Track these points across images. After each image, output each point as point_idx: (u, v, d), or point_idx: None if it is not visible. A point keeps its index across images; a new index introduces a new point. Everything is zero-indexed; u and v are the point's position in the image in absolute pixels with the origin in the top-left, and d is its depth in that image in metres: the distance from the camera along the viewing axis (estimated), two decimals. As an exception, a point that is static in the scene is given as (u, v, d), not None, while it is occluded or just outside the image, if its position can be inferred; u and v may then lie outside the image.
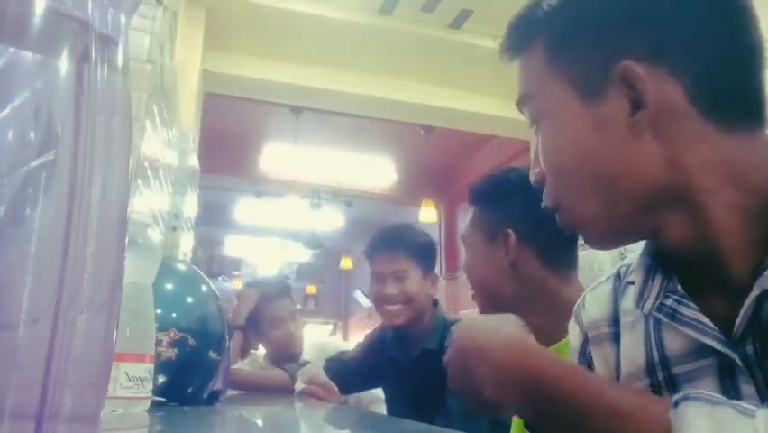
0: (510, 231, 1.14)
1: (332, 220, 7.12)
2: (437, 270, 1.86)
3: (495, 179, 1.25)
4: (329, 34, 3.38)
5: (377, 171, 5.84)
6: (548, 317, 1.05)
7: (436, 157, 5.77)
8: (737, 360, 0.51)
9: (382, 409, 1.96)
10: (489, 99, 3.90)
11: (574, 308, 0.74)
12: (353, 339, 8.15)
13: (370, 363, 1.83)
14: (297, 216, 6.41)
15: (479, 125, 4.24)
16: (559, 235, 1.17)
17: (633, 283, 0.62)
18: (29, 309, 0.22)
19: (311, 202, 6.53)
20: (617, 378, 0.63)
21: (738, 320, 0.51)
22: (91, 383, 0.25)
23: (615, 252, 3.23)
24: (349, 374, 1.82)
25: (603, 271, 0.73)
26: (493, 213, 1.19)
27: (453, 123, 4.24)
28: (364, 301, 8.19)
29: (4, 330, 0.22)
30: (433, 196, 5.89)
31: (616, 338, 0.64)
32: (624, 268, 0.69)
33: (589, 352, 0.68)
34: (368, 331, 2.05)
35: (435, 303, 1.77)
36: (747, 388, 0.50)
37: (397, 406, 1.81)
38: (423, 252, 1.75)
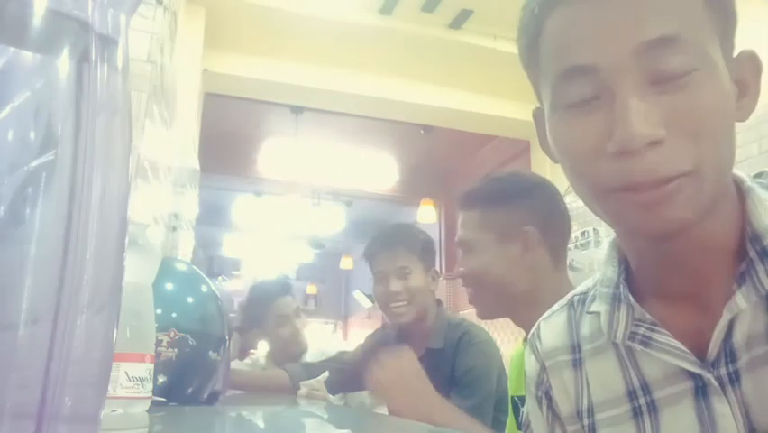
0: (530, 229, 1.17)
1: (332, 220, 7.12)
2: (438, 269, 1.87)
3: (509, 180, 1.28)
4: (329, 34, 3.38)
5: (377, 171, 5.84)
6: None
7: (436, 157, 5.77)
8: (712, 380, 0.53)
9: (384, 411, 1.96)
10: (489, 99, 3.90)
11: (529, 337, 0.75)
12: (353, 339, 8.13)
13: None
14: (297, 216, 6.41)
15: (479, 125, 4.24)
16: (563, 234, 1.23)
17: (593, 313, 0.63)
18: (29, 309, 0.22)
19: (311, 202, 6.53)
20: (578, 403, 0.65)
21: (711, 344, 0.53)
22: (91, 383, 0.25)
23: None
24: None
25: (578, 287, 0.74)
26: (509, 212, 1.21)
27: (453, 123, 4.24)
28: (364, 301, 8.18)
29: (4, 330, 0.22)
30: (433, 196, 5.88)
31: (575, 365, 0.66)
32: (576, 297, 0.70)
33: (547, 380, 0.69)
34: (368, 331, 2.05)
35: (439, 303, 1.77)
36: (722, 408, 0.52)
37: (399, 406, 1.81)
38: (422, 248, 1.76)
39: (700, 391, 0.54)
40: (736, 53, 0.55)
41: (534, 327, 0.74)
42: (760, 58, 0.56)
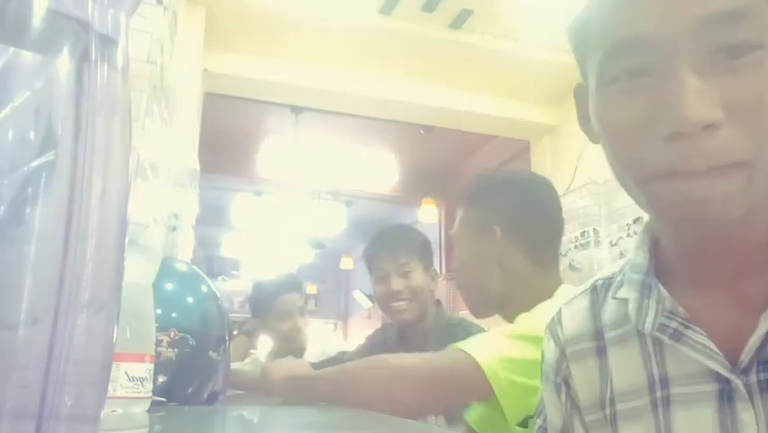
0: (496, 228, 1.20)
1: (332, 220, 7.11)
2: (437, 269, 1.88)
3: (481, 180, 1.32)
4: (329, 34, 3.38)
5: (377, 171, 5.84)
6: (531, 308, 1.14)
7: (436, 157, 5.77)
8: (741, 386, 0.50)
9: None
10: (489, 99, 3.89)
11: (548, 322, 0.72)
12: (353, 339, 8.12)
13: None
14: (297, 216, 6.41)
15: (479, 125, 4.24)
16: (542, 232, 1.25)
17: (619, 299, 0.60)
18: (29, 309, 0.22)
19: (311, 202, 6.53)
20: (601, 392, 0.62)
21: (745, 351, 0.50)
22: (91, 383, 0.25)
23: (615, 252, 3.24)
24: None
25: (601, 271, 0.72)
26: (480, 211, 1.25)
27: (453, 123, 4.23)
28: (364, 301, 8.19)
29: (4, 330, 0.22)
30: (433, 196, 5.88)
31: (599, 353, 0.63)
32: (600, 281, 0.67)
33: (567, 367, 0.66)
34: (368, 331, 2.05)
35: (438, 303, 1.78)
36: (746, 415, 0.50)
37: (399, 406, 1.81)
38: (421, 247, 1.79)
39: (726, 395, 0.51)
40: None
41: (555, 311, 0.71)
42: None
